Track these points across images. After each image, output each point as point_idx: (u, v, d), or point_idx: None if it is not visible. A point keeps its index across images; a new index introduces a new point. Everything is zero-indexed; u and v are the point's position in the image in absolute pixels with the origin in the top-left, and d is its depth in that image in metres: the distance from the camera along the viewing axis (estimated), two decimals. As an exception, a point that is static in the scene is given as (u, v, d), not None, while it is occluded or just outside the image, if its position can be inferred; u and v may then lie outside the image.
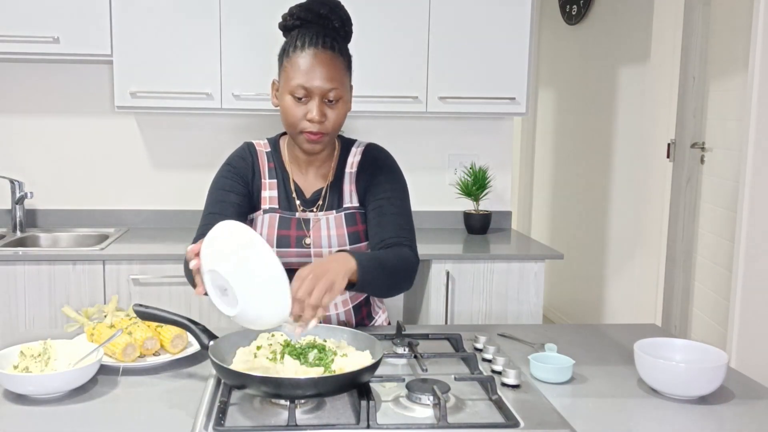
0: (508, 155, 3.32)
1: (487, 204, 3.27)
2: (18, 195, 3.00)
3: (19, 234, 2.99)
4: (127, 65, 2.78)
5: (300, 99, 1.57)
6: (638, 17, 3.86)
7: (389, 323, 1.87)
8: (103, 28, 2.75)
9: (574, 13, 4.61)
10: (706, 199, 3.45)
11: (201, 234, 1.60)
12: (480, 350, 1.57)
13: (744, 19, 3.06)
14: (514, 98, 2.93)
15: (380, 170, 1.71)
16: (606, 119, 4.25)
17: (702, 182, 3.49)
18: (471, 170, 3.13)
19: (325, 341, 1.39)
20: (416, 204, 1.86)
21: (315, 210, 1.69)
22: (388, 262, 1.56)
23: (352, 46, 2.93)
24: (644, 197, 3.82)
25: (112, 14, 2.75)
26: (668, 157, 3.64)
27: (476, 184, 3.10)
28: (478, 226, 3.11)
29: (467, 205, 3.24)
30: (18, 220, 3.01)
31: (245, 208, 1.68)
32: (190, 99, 2.82)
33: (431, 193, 3.29)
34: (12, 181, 3.00)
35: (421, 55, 2.88)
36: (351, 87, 1.67)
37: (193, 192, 3.15)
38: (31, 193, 3.04)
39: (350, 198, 1.71)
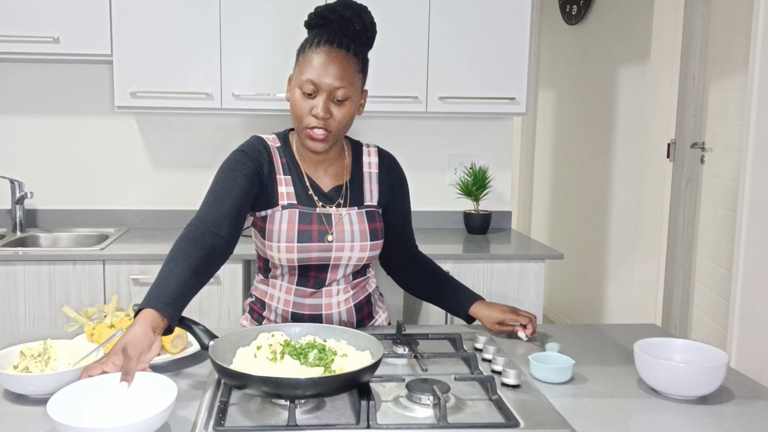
0: (508, 155, 3.32)
1: (487, 204, 3.27)
2: (18, 195, 3.00)
3: (19, 234, 2.99)
4: (127, 65, 2.78)
5: (309, 94, 1.59)
6: (638, 17, 3.86)
7: (389, 323, 1.87)
8: (103, 28, 2.75)
9: (574, 13, 4.61)
10: (706, 199, 3.45)
11: (200, 215, 1.56)
12: (480, 350, 1.57)
13: (744, 19, 3.06)
14: (514, 98, 2.93)
15: (402, 184, 1.81)
16: (606, 119, 4.25)
17: (702, 182, 3.49)
18: (471, 170, 3.13)
19: (325, 341, 1.39)
20: (416, 204, 1.89)
21: (339, 204, 1.71)
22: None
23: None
24: (644, 197, 3.82)
25: (112, 14, 2.75)
26: (668, 157, 3.64)
27: (476, 184, 3.10)
28: (478, 226, 3.11)
29: (467, 205, 3.24)
30: (18, 220, 3.01)
31: (252, 193, 1.63)
32: (190, 99, 2.82)
33: (431, 193, 3.29)
34: (12, 181, 3.00)
35: (421, 55, 2.89)
36: (365, 91, 1.68)
37: (193, 192, 3.15)
38: (31, 193, 3.04)
39: (371, 196, 1.75)
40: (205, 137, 3.17)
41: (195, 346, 1.54)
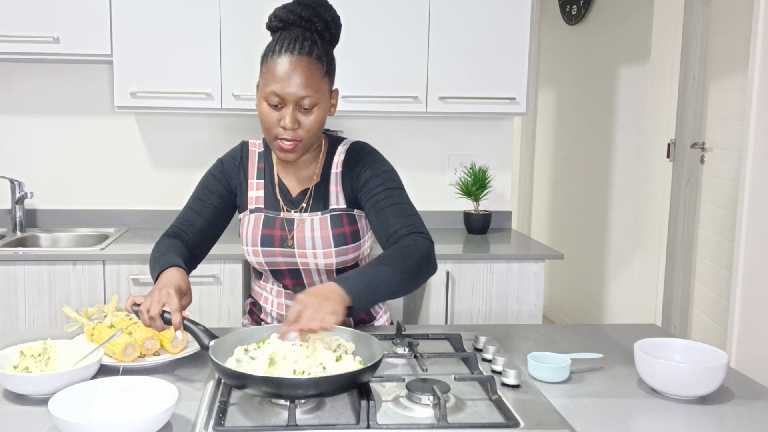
0: (508, 155, 3.32)
1: (487, 204, 3.27)
2: (18, 195, 3.00)
3: (19, 234, 2.99)
4: (127, 65, 2.78)
5: (275, 106, 1.55)
6: (638, 17, 3.86)
7: (392, 323, 1.87)
8: (103, 28, 2.75)
9: (574, 13, 4.61)
10: (706, 199, 3.45)
11: (175, 227, 1.72)
12: (480, 350, 1.57)
13: (744, 19, 3.06)
14: (514, 98, 2.93)
15: (365, 166, 1.67)
16: (606, 119, 4.25)
17: (702, 182, 3.49)
18: (471, 170, 3.13)
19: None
20: (416, 204, 1.85)
21: (300, 211, 1.68)
22: (394, 270, 1.47)
23: (353, 46, 2.94)
24: (644, 197, 3.82)
25: (112, 14, 2.75)
26: (668, 157, 3.64)
27: (476, 184, 3.10)
28: (478, 226, 3.11)
29: (467, 205, 3.24)
30: (18, 220, 3.01)
31: (225, 211, 1.74)
32: (190, 99, 2.82)
33: (431, 193, 3.29)
34: (12, 181, 3.00)
35: (421, 55, 2.88)
36: (335, 91, 1.64)
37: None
38: (31, 193, 3.04)
39: (336, 199, 1.69)
40: (205, 137, 3.17)
41: (195, 346, 1.54)
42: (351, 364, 1.30)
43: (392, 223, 1.60)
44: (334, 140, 1.74)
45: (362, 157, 1.69)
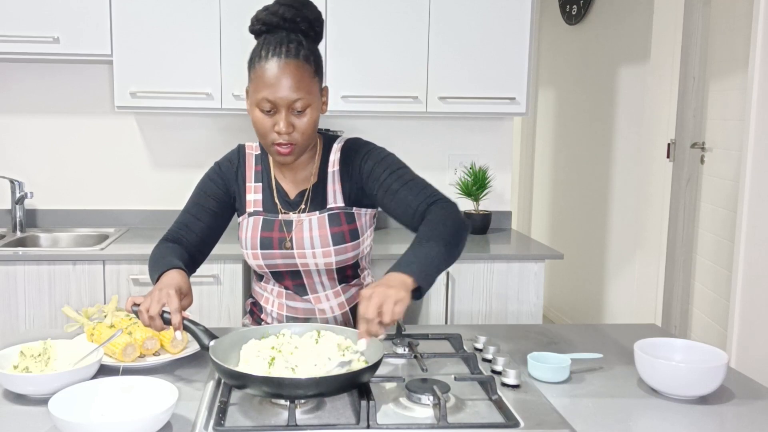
0: (508, 155, 3.32)
1: (487, 204, 3.27)
2: (18, 195, 3.00)
3: (19, 234, 2.99)
4: (127, 65, 2.78)
5: (267, 111, 1.53)
6: (638, 17, 3.86)
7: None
8: (103, 28, 2.75)
9: (574, 13, 4.61)
10: (706, 199, 3.45)
11: (174, 231, 1.71)
12: (480, 350, 1.57)
13: (744, 19, 3.06)
14: (514, 98, 2.93)
15: (363, 159, 1.66)
16: (606, 119, 4.25)
17: (702, 182, 3.49)
18: (471, 170, 3.13)
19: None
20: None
21: (301, 210, 1.68)
22: (438, 242, 1.46)
23: (353, 46, 2.94)
24: (644, 197, 3.82)
25: (112, 14, 2.75)
26: (668, 157, 3.64)
27: (476, 184, 3.10)
28: (478, 226, 3.11)
29: (467, 205, 3.24)
30: (18, 220, 3.01)
31: (223, 214, 1.73)
32: (190, 99, 2.82)
33: (431, 193, 3.28)
34: (12, 181, 3.00)
35: (421, 55, 2.88)
36: (325, 88, 1.63)
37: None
38: (31, 193, 3.04)
39: (334, 198, 1.68)
40: (205, 137, 3.17)
41: (195, 346, 1.54)
42: (352, 364, 1.30)
43: (410, 201, 1.58)
44: (328, 139, 1.73)
45: (358, 150, 1.68)
